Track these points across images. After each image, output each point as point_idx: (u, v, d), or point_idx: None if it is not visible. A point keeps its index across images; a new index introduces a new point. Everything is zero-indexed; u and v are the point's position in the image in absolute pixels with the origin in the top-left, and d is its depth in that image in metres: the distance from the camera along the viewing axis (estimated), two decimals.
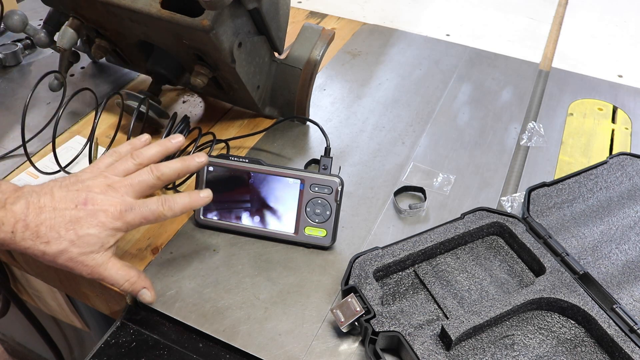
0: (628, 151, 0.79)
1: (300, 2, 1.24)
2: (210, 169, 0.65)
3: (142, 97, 0.72)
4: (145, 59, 0.79)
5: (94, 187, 0.52)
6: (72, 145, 0.79)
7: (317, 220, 0.63)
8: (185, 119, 0.73)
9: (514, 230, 0.63)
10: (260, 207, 0.65)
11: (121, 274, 0.53)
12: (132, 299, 0.59)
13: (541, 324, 0.57)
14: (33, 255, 0.49)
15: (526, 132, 0.84)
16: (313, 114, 0.86)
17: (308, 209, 0.64)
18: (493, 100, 0.92)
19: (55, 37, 0.84)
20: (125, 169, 0.55)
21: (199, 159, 0.58)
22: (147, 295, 0.55)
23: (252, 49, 0.72)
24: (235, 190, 0.65)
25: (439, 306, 0.58)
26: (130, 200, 0.52)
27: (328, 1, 1.23)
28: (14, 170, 0.74)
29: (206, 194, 0.56)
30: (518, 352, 0.54)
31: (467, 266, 0.62)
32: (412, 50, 1.05)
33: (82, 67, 0.96)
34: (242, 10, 0.66)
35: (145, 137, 0.60)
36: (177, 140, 0.59)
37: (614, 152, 0.81)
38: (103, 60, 0.96)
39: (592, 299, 0.56)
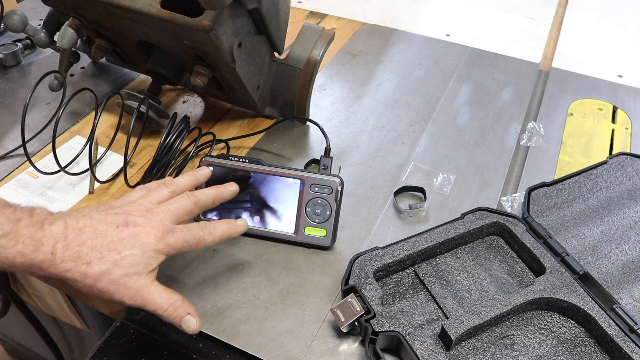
0: (628, 151, 0.79)
1: (300, 2, 1.24)
2: (210, 168, 0.65)
3: (142, 97, 0.72)
4: (145, 59, 0.79)
5: (133, 210, 0.51)
6: (72, 145, 0.79)
7: (317, 220, 0.63)
8: (185, 119, 0.73)
9: (514, 230, 0.63)
10: (260, 207, 0.65)
11: (165, 298, 0.49)
12: None
13: (541, 324, 0.57)
14: (72, 280, 0.46)
15: (526, 132, 0.84)
16: (313, 114, 0.86)
17: (308, 209, 0.64)
18: (493, 100, 0.92)
19: (55, 37, 0.84)
20: (160, 197, 0.54)
21: (231, 187, 0.58)
22: (192, 323, 0.50)
23: (252, 49, 0.72)
24: None
25: (439, 306, 0.58)
26: (171, 224, 0.51)
27: (328, 1, 1.23)
28: (14, 170, 0.74)
29: (242, 222, 0.57)
30: (518, 352, 0.54)
31: (467, 266, 0.62)
32: (412, 50, 1.05)
33: (82, 67, 0.96)
34: (242, 10, 0.66)
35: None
36: (204, 172, 0.60)
37: (614, 152, 0.81)
38: (103, 60, 0.96)
39: (592, 299, 0.56)
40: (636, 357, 0.51)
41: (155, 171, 0.69)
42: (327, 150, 0.70)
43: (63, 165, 0.70)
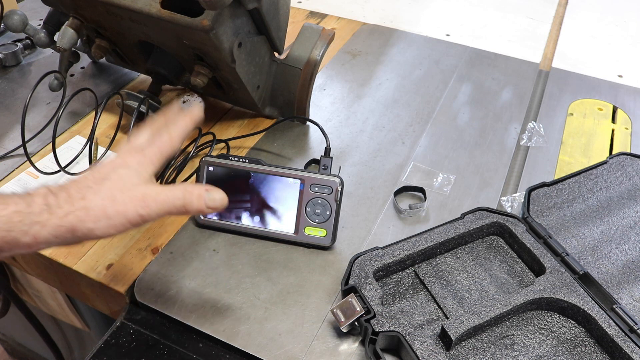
0: (628, 151, 0.79)
1: (300, 2, 1.24)
2: (210, 169, 0.65)
3: (142, 97, 0.72)
4: (145, 59, 0.79)
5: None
6: (72, 145, 0.79)
7: (317, 220, 0.63)
8: None
9: (514, 230, 0.63)
10: (260, 207, 0.65)
11: (176, 190, 0.47)
12: (131, 298, 0.59)
13: (541, 324, 0.57)
14: (79, 221, 0.44)
15: (526, 132, 0.84)
16: (313, 114, 0.86)
17: (308, 209, 0.64)
18: (493, 100, 0.92)
19: (55, 37, 0.84)
20: None
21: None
22: (216, 197, 0.48)
23: (252, 49, 0.72)
24: (235, 190, 0.65)
25: (439, 306, 0.58)
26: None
27: (328, 1, 1.23)
28: (14, 170, 0.74)
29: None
30: (518, 352, 0.54)
31: (467, 266, 0.62)
32: (412, 50, 1.05)
33: (82, 67, 0.96)
34: (242, 10, 0.66)
35: None
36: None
37: (614, 152, 0.81)
38: (103, 60, 0.96)
39: (592, 299, 0.56)
40: (636, 357, 0.51)
41: None
42: (327, 150, 0.70)
43: (63, 165, 0.70)
